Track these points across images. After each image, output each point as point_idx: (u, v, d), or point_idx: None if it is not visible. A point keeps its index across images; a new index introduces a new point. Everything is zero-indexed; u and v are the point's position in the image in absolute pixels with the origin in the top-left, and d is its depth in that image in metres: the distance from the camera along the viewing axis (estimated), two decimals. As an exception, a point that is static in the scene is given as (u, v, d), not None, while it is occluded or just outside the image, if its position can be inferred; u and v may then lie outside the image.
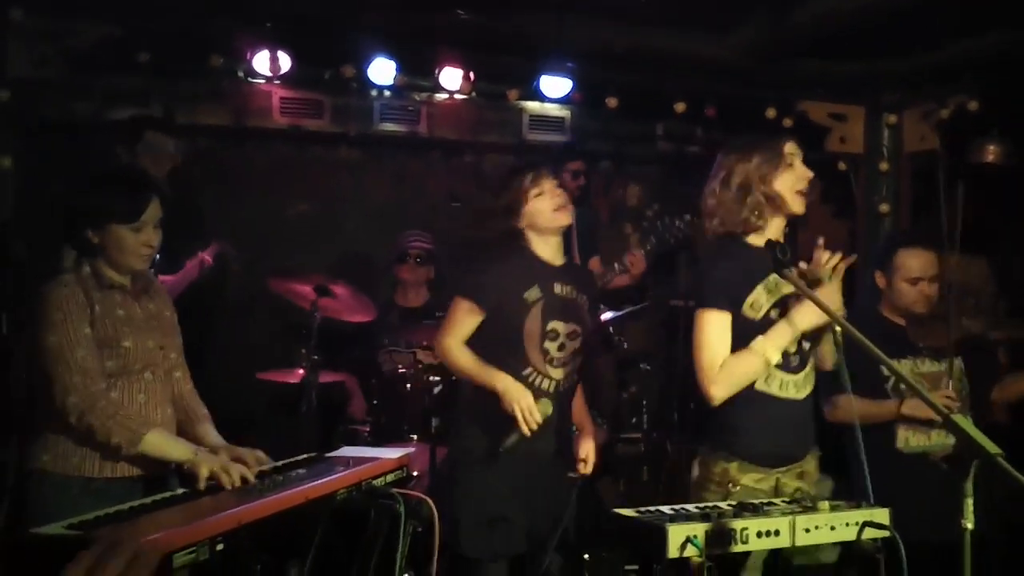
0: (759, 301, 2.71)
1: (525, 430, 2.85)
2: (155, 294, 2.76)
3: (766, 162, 2.75)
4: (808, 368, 2.81)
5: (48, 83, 4.33)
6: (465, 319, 3.02)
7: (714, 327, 2.69)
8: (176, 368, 2.79)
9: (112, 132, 4.48)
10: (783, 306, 2.73)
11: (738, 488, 2.68)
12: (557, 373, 3.05)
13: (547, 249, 3.09)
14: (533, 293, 3.01)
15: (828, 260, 2.70)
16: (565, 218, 3.07)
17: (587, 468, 3.08)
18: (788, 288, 2.71)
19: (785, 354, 2.71)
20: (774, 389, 2.73)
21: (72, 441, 2.50)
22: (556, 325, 3.04)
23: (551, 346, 3.03)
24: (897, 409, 3.31)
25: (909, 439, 3.39)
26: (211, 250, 4.42)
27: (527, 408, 2.85)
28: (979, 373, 3.50)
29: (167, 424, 2.68)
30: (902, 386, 3.31)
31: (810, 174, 2.80)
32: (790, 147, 2.82)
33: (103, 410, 2.45)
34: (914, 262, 3.46)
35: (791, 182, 2.77)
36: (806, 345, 2.80)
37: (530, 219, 3.07)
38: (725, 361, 2.67)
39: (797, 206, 2.77)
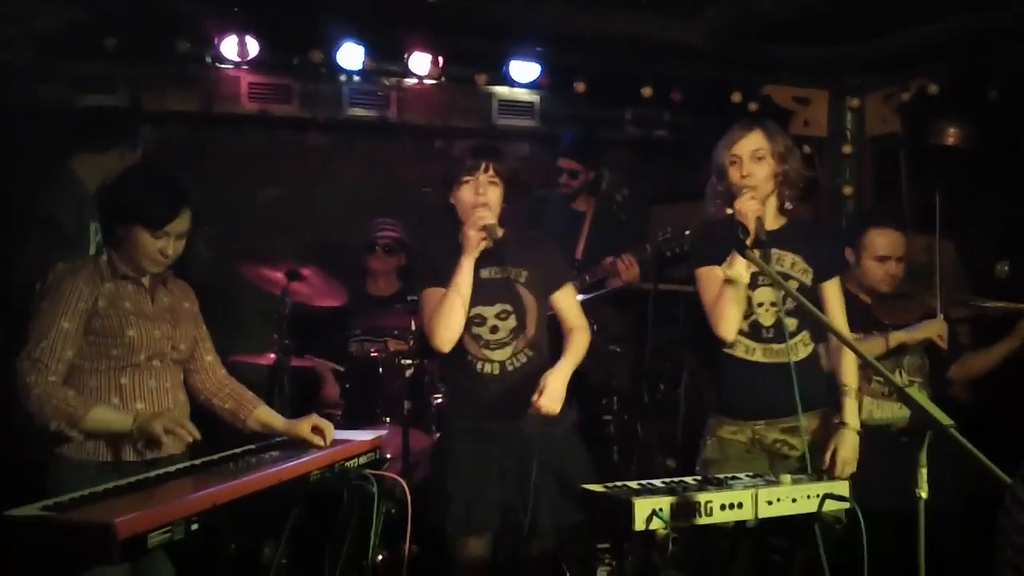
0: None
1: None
2: (172, 288, 2.85)
3: (719, 156, 3.01)
4: (793, 340, 2.98)
5: (13, 67, 4.29)
6: None
7: (705, 279, 3.04)
8: (202, 354, 2.89)
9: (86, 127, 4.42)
10: (751, 282, 2.98)
11: (712, 439, 3.03)
12: (498, 355, 3.02)
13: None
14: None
15: None
16: (485, 215, 2.90)
17: (543, 400, 2.83)
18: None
19: (757, 325, 2.99)
20: (740, 353, 3.01)
21: None
22: (480, 310, 3.00)
23: (480, 331, 3.01)
24: (886, 341, 3.44)
25: (873, 411, 3.48)
26: None
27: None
28: (938, 350, 3.58)
29: (180, 408, 2.78)
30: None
31: (746, 180, 2.95)
32: (739, 147, 2.98)
33: (37, 398, 2.52)
34: (882, 241, 3.54)
35: (736, 179, 2.97)
36: (788, 320, 2.96)
37: (456, 203, 3.01)
38: (714, 301, 2.98)
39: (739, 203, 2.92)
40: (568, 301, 3.13)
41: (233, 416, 2.89)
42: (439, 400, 4.23)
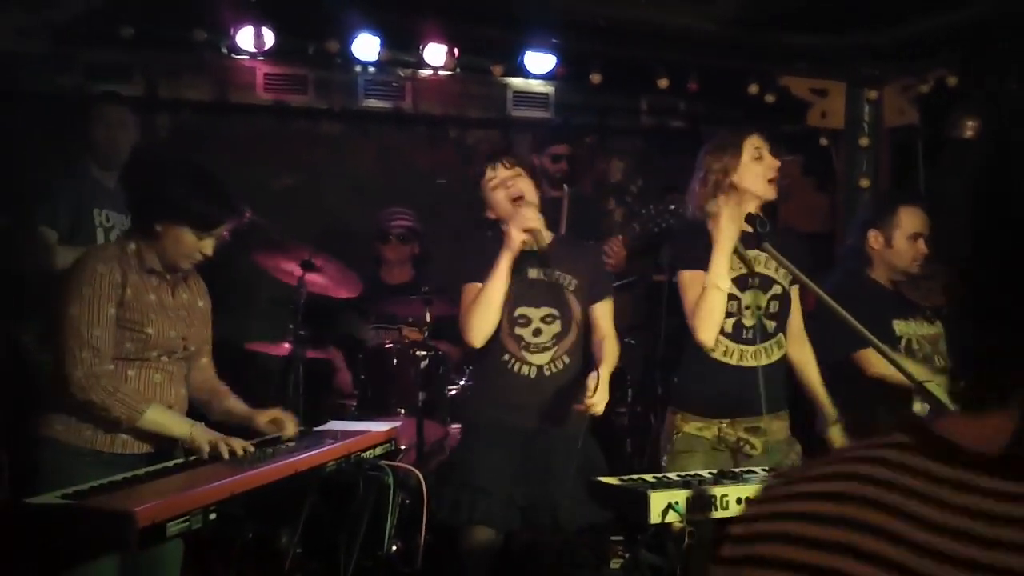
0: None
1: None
2: (192, 284, 2.81)
3: (732, 158, 2.96)
4: (770, 342, 2.99)
5: (30, 56, 4.30)
6: None
7: (690, 284, 2.95)
8: (200, 355, 2.85)
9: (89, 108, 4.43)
10: (741, 283, 2.95)
11: (679, 434, 2.98)
12: (538, 359, 3.03)
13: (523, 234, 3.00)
14: None
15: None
16: (531, 217, 2.92)
17: (592, 402, 2.77)
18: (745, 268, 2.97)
19: (739, 326, 2.95)
20: (718, 354, 2.96)
21: (82, 415, 2.53)
22: (526, 311, 3.02)
23: (523, 332, 3.02)
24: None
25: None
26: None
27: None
28: None
29: (179, 403, 2.75)
30: (915, 346, 3.37)
31: (777, 163, 2.99)
32: (754, 140, 2.98)
33: (104, 387, 2.49)
34: (915, 219, 3.46)
35: (761, 172, 2.96)
36: (768, 323, 2.97)
37: (494, 211, 3.05)
38: (696, 306, 2.89)
39: (769, 194, 2.95)
40: (607, 313, 3.13)
41: (206, 407, 2.88)
42: (453, 391, 4.23)
